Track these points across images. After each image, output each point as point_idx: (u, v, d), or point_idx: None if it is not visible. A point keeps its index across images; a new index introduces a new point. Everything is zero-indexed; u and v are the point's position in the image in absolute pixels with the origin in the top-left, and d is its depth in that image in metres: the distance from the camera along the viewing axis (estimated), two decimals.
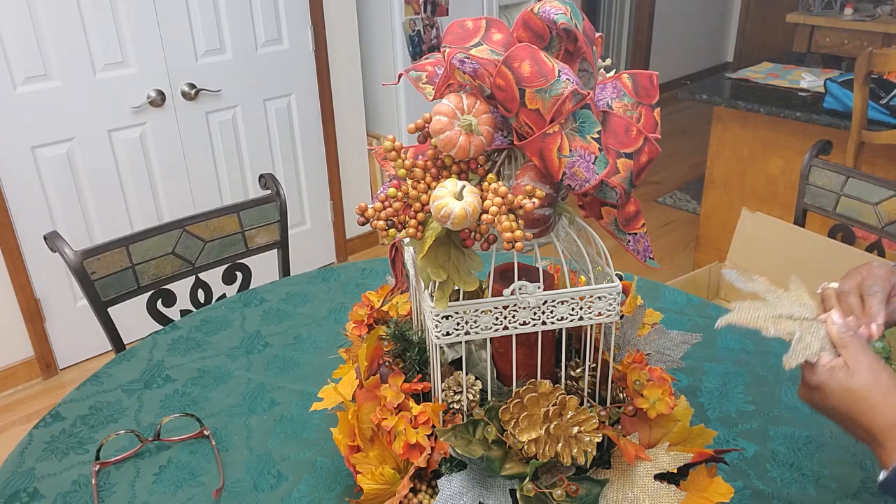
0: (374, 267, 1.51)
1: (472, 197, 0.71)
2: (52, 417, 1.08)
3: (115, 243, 1.45)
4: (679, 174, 4.32)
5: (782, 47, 5.76)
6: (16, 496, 0.94)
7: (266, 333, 1.29)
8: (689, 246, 3.45)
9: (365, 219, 0.76)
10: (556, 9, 0.75)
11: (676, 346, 0.98)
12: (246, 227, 1.63)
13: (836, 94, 2.41)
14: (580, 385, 0.88)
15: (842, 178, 1.76)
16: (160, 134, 2.57)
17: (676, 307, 1.33)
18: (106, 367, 1.20)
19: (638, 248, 0.85)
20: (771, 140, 2.63)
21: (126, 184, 2.55)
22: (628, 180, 0.78)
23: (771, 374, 1.13)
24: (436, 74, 0.84)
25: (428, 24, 3.18)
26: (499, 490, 0.82)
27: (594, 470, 0.84)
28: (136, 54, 2.43)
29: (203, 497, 0.93)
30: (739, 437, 1.01)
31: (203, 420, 1.07)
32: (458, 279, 0.76)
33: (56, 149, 2.35)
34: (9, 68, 2.19)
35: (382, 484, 0.83)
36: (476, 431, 0.81)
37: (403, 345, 0.94)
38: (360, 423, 0.87)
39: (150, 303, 1.49)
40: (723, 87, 2.78)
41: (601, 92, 0.82)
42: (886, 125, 2.28)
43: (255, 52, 2.74)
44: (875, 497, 0.90)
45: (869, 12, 4.35)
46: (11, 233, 2.32)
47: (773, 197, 2.70)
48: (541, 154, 0.75)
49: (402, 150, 0.77)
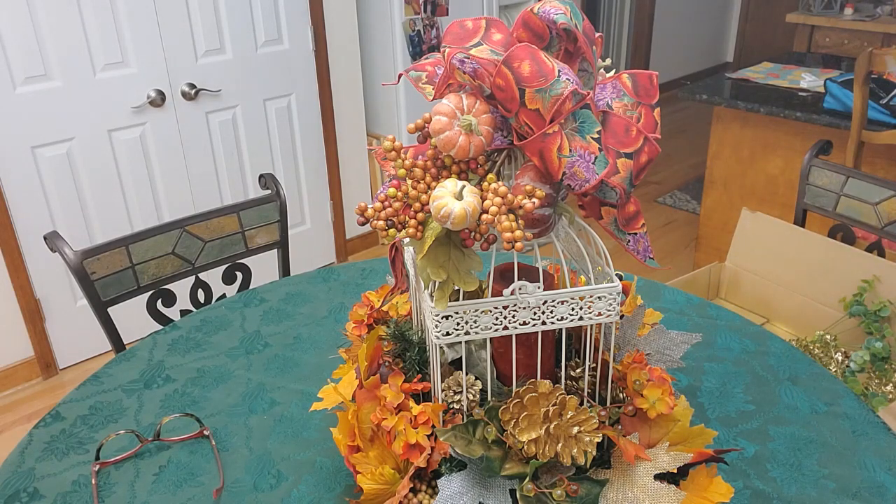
0: (374, 267, 1.51)
1: (472, 197, 0.71)
2: (52, 417, 1.08)
3: (115, 243, 1.45)
4: (679, 174, 4.32)
5: (782, 47, 5.76)
6: (16, 496, 0.94)
7: (266, 333, 1.29)
8: (689, 246, 3.45)
9: (365, 219, 0.76)
10: (556, 9, 0.75)
11: (676, 346, 0.98)
12: (246, 227, 1.63)
13: (836, 94, 2.41)
14: (580, 385, 0.88)
15: (842, 178, 1.77)
16: (160, 134, 2.57)
17: (676, 307, 1.33)
18: (106, 367, 1.20)
19: (638, 248, 0.85)
20: (771, 140, 2.63)
21: (126, 184, 2.55)
22: (628, 180, 0.78)
23: (771, 374, 1.13)
24: (436, 74, 0.84)
25: (428, 24, 3.18)
26: (499, 490, 0.82)
27: (594, 470, 0.84)
28: (136, 54, 2.43)
29: (203, 497, 0.93)
30: (739, 437, 1.01)
31: (203, 420, 1.07)
32: (458, 279, 0.76)
33: (56, 149, 2.35)
34: (9, 68, 2.19)
35: (382, 484, 0.84)
36: (476, 431, 0.81)
37: (403, 345, 0.94)
38: (360, 423, 0.87)
39: (150, 303, 1.49)
40: (723, 87, 2.78)
41: (601, 92, 0.82)
42: (886, 125, 2.28)
43: (255, 52, 2.74)
44: (875, 497, 0.90)
45: (869, 12, 4.35)
46: (11, 233, 2.32)
47: (773, 197, 2.70)
48: (541, 154, 0.75)
49: (402, 150, 0.77)
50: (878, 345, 1.66)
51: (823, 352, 1.72)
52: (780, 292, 1.95)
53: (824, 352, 1.72)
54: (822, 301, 1.86)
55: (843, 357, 1.70)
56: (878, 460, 0.96)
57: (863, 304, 1.73)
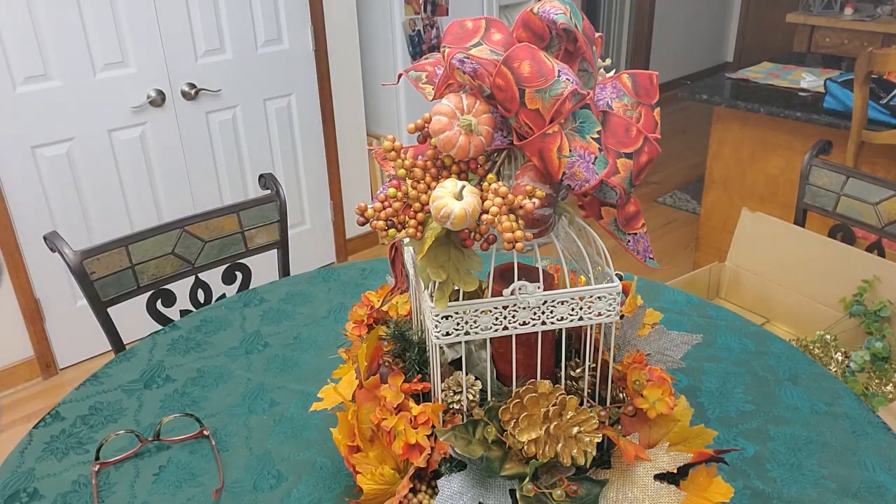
0: (374, 267, 1.51)
1: (472, 197, 0.71)
2: (52, 417, 1.08)
3: (115, 243, 1.45)
4: (679, 174, 4.32)
5: (782, 47, 5.76)
6: (16, 496, 0.94)
7: (266, 333, 1.29)
8: (689, 246, 3.45)
9: (365, 219, 0.76)
10: (556, 9, 0.75)
11: (676, 347, 0.98)
12: (246, 227, 1.63)
13: (836, 94, 2.41)
14: (580, 385, 0.88)
15: (842, 178, 1.76)
16: (160, 134, 2.57)
17: (676, 307, 1.33)
18: (106, 367, 1.20)
19: (638, 248, 0.85)
20: (771, 140, 2.63)
21: (126, 184, 2.55)
22: (628, 180, 0.78)
23: (771, 374, 1.13)
24: (436, 74, 0.84)
25: (428, 24, 3.18)
26: (498, 490, 0.82)
27: (594, 470, 0.84)
28: (136, 54, 2.43)
29: (203, 497, 0.93)
30: (739, 437, 1.01)
31: (203, 420, 1.07)
32: (458, 279, 0.76)
33: (56, 149, 2.35)
34: (9, 68, 2.19)
35: (382, 484, 0.83)
36: (476, 431, 0.81)
37: (403, 345, 0.94)
38: (359, 423, 0.87)
39: (150, 303, 1.49)
40: (723, 87, 2.77)
41: (601, 92, 0.82)
42: (886, 125, 2.28)
43: (255, 52, 2.74)
44: (875, 497, 0.90)
45: (869, 12, 4.35)
46: (11, 233, 2.32)
47: (773, 197, 2.70)
48: (541, 154, 0.75)
49: (402, 150, 0.77)
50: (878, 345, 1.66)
51: (823, 352, 1.72)
52: (780, 292, 1.95)
53: (824, 352, 1.72)
54: (822, 301, 1.86)
55: (843, 357, 1.70)
56: (878, 460, 0.96)
57: (863, 304, 1.73)
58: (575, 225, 0.86)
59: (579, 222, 0.86)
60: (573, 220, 0.86)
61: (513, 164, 0.83)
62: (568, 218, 0.86)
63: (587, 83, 0.80)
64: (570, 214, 0.85)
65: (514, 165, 0.83)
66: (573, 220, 0.86)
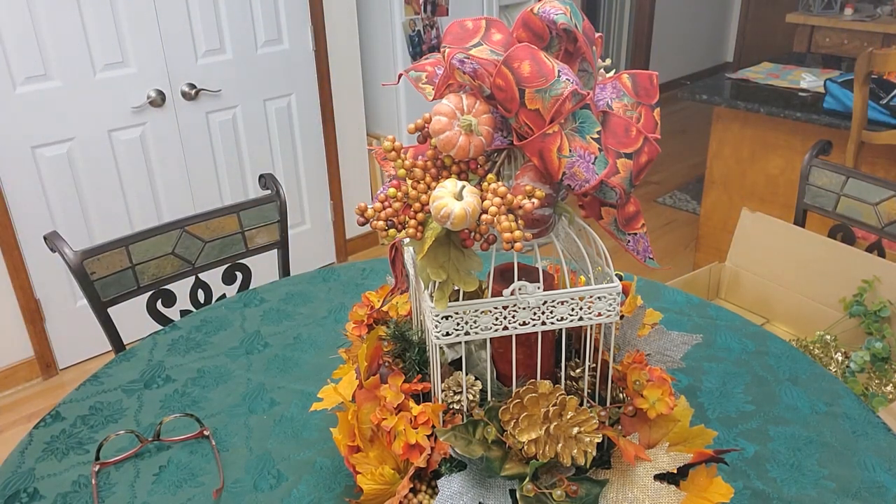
0: (374, 267, 1.51)
1: (472, 197, 0.71)
2: (52, 417, 1.08)
3: (115, 243, 1.45)
4: (679, 174, 4.32)
5: (782, 47, 5.76)
6: (16, 496, 0.94)
7: (266, 333, 1.29)
8: (689, 246, 3.45)
9: (365, 219, 0.76)
10: (556, 9, 0.75)
11: (676, 347, 0.98)
12: (246, 228, 1.63)
13: (836, 94, 2.41)
14: (580, 385, 0.88)
15: (842, 178, 1.77)
16: (160, 134, 2.57)
17: (676, 307, 1.33)
18: (106, 367, 1.20)
19: (638, 248, 0.85)
20: (771, 140, 2.63)
21: (126, 184, 2.55)
22: (628, 180, 0.78)
23: (771, 375, 1.13)
24: (436, 74, 0.84)
25: (428, 24, 3.18)
26: (499, 490, 0.82)
27: (594, 470, 0.84)
28: (136, 54, 2.43)
29: (203, 497, 0.93)
30: (739, 437, 1.01)
31: (203, 420, 1.07)
32: (458, 279, 0.76)
33: (56, 149, 2.35)
34: (9, 68, 2.19)
35: (382, 484, 0.83)
36: (476, 432, 0.81)
37: (403, 345, 0.94)
38: (359, 424, 0.87)
39: (150, 303, 1.49)
40: (723, 87, 2.78)
41: (601, 92, 0.82)
42: (886, 125, 2.28)
43: (255, 52, 2.74)
44: (875, 497, 0.90)
45: (869, 12, 4.35)
46: (11, 233, 2.32)
47: (773, 197, 2.70)
48: (540, 154, 0.75)
49: (402, 150, 0.77)
50: (878, 345, 1.66)
51: (823, 352, 1.72)
52: (780, 292, 1.95)
53: (824, 352, 1.72)
54: (822, 301, 1.86)
55: (843, 357, 1.70)
56: (878, 460, 0.96)
57: (863, 305, 1.73)
58: (575, 225, 0.86)
59: (579, 222, 0.86)
60: (573, 220, 0.86)
61: (513, 164, 0.83)
62: (568, 218, 0.86)
63: (587, 83, 0.80)
64: (570, 214, 0.85)
65: (514, 165, 0.83)
66: (573, 220, 0.86)
